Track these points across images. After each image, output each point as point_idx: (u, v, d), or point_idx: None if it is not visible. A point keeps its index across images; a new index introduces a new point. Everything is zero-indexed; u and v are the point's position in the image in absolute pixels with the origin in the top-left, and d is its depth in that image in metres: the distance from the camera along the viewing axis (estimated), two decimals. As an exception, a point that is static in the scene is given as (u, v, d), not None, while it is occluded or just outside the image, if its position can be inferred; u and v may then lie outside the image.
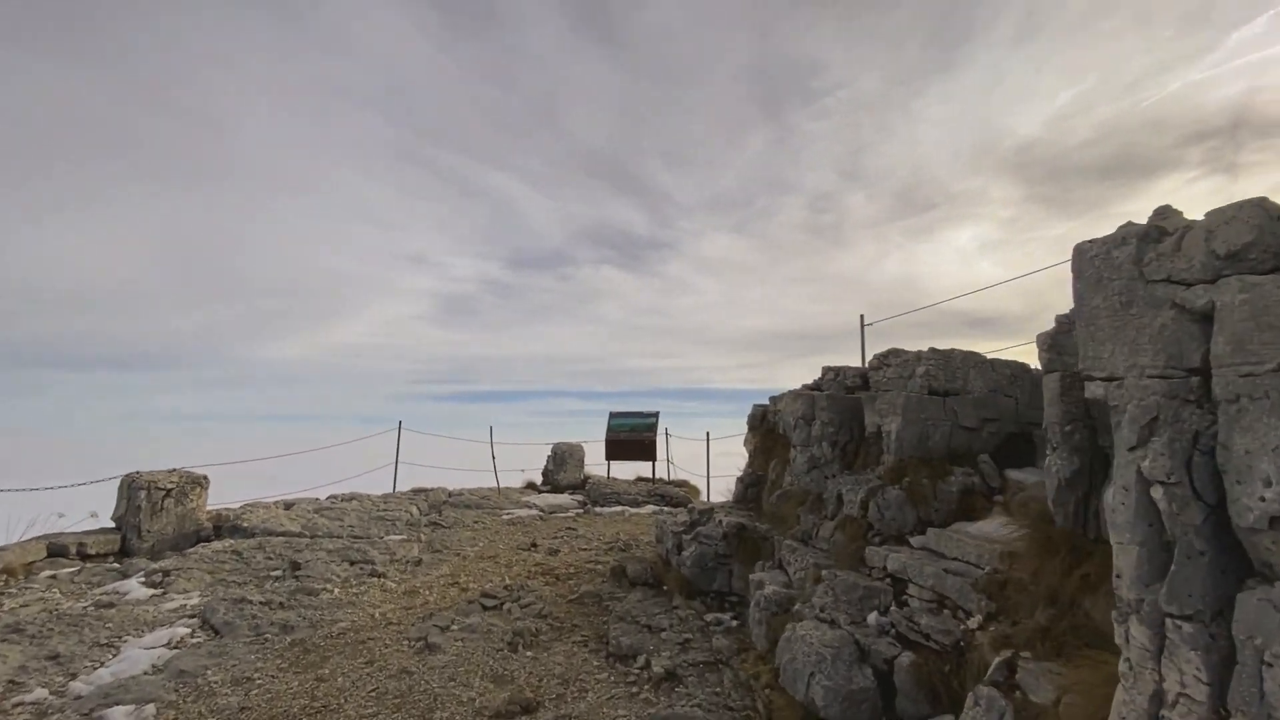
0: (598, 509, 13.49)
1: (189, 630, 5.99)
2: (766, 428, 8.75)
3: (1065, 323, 3.64)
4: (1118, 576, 2.45)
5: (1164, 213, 2.61)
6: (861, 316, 11.51)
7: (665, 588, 7.08)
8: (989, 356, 6.15)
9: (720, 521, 6.96)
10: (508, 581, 7.67)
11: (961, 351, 6.08)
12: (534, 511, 12.98)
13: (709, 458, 14.48)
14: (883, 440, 6.09)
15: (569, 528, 11.23)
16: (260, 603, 6.75)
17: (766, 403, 8.93)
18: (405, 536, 10.27)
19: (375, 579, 7.97)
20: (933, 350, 6.00)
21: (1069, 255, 2.85)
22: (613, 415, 16.73)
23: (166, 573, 7.69)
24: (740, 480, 8.55)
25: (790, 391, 7.41)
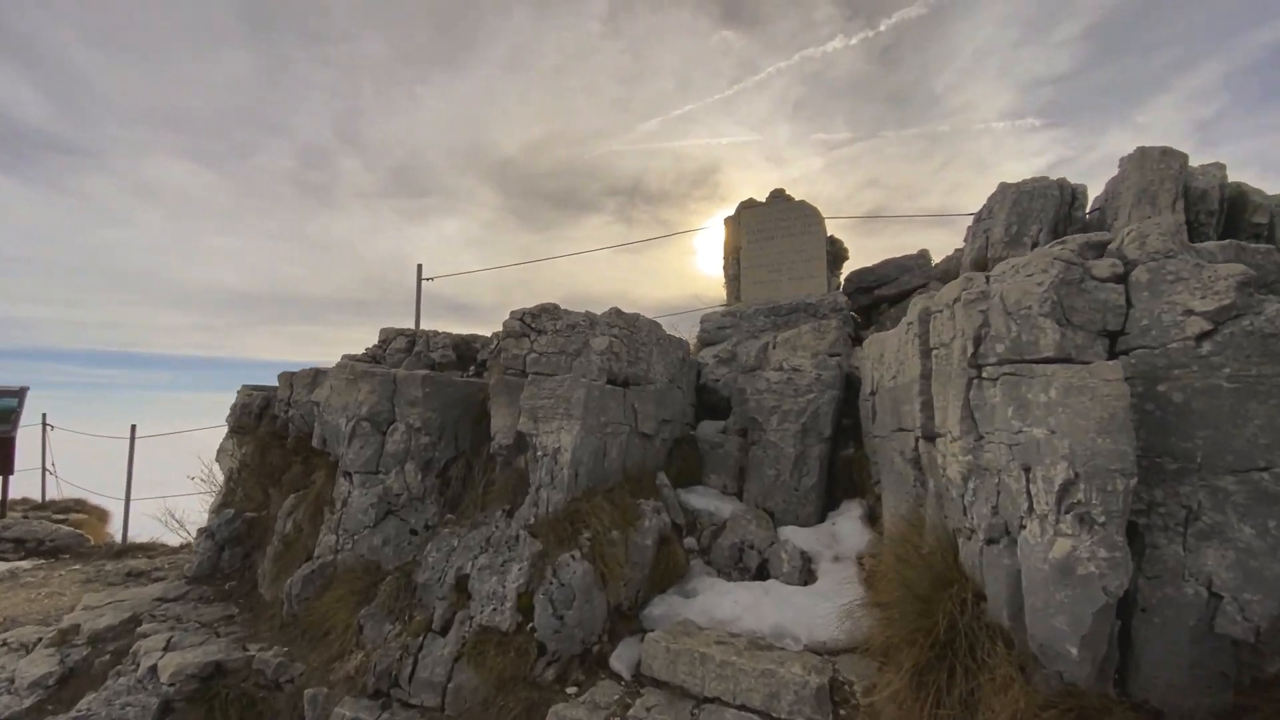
0: None
1: None
2: (272, 430, 4.86)
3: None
4: None
5: None
6: (420, 267, 8.47)
7: None
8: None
9: (152, 669, 2.95)
10: None
11: (646, 319, 3.99)
12: None
13: (131, 466, 8.71)
14: (533, 459, 3.44)
15: None
16: None
17: (274, 385, 5.00)
18: None
19: None
20: (616, 313, 3.70)
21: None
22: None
23: None
24: (208, 534, 4.41)
25: (344, 366, 3.89)
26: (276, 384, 5.05)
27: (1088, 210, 5.30)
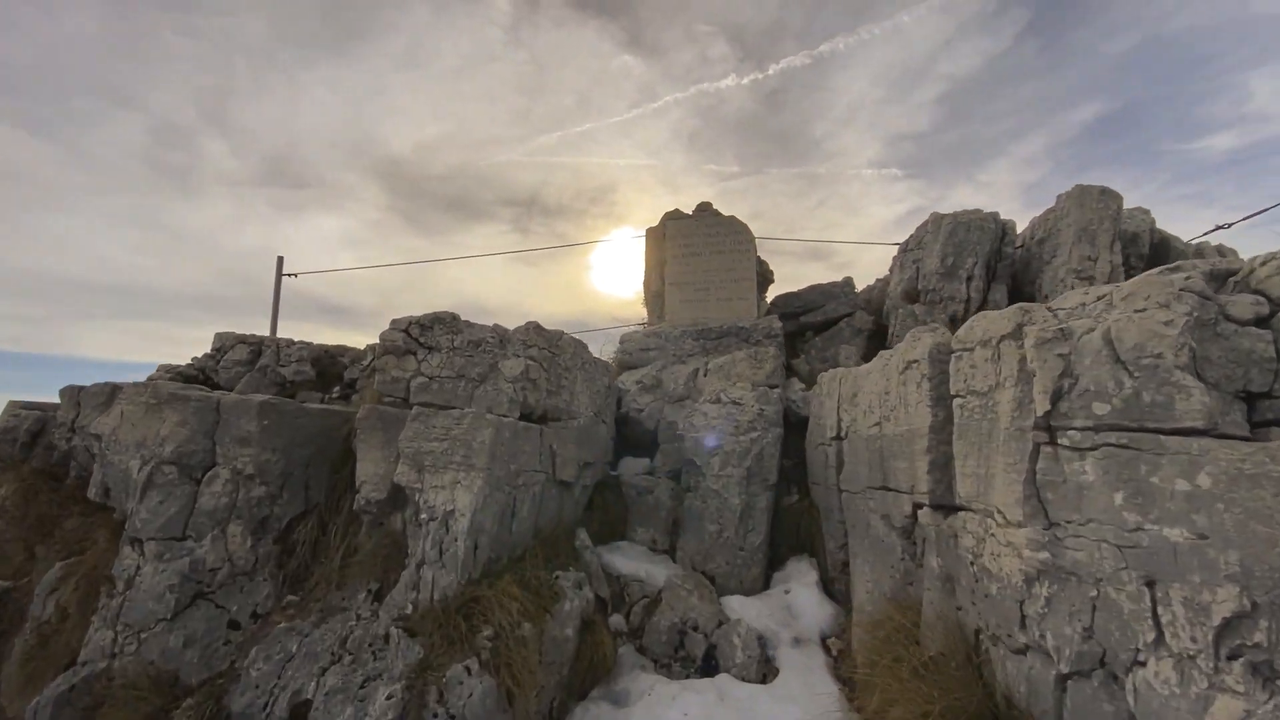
0: None
1: None
2: (45, 467, 3.58)
3: None
4: None
5: None
6: (280, 260, 7.12)
7: None
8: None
9: None
10: None
11: (571, 338, 3.24)
12: None
13: None
14: (414, 522, 2.56)
15: None
16: None
17: (55, 403, 3.73)
18: None
19: None
20: (535, 329, 2.91)
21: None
22: None
23: None
24: (-80, 619, 3.07)
25: (144, 385, 2.79)
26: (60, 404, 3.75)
27: (1015, 245, 5.27)
